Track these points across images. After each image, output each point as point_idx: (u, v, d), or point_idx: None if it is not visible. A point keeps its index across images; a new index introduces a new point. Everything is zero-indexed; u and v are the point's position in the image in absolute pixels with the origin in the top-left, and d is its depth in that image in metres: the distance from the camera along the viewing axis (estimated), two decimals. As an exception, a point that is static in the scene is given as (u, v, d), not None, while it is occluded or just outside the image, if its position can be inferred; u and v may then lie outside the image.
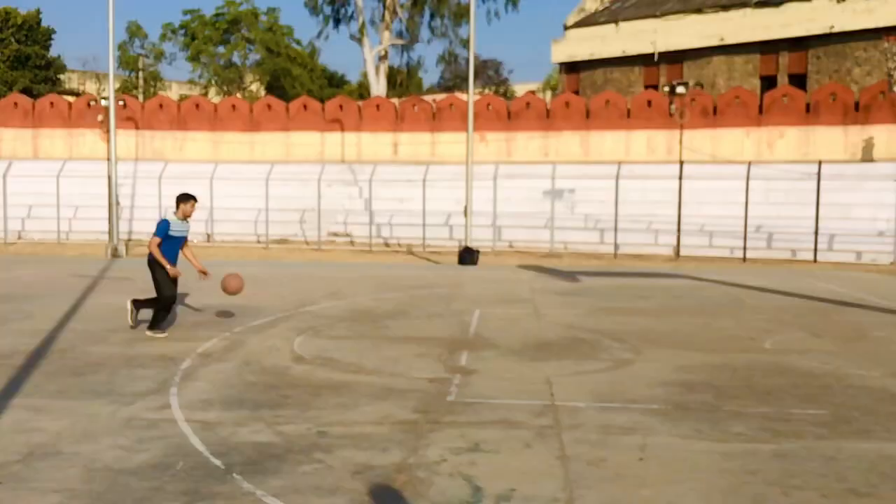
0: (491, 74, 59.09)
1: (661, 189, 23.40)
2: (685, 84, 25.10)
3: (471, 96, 21.35)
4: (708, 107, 28.00)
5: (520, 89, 51.72)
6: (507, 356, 8.45)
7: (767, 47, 34.31)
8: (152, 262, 9.10)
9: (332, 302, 12.21)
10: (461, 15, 38.48)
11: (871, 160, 24.95)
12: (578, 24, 40.87)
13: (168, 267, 8.98)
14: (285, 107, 32.23)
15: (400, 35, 40.82)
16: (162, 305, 9.18)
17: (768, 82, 33.83)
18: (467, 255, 19.46)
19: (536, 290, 14.24)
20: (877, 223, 21.56)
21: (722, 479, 4.85)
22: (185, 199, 9.20)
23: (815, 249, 20.65)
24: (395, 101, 34.41)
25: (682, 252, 21.75)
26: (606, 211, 23.19)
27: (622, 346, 8.98)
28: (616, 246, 22.23)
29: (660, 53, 36.86)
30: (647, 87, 35.95)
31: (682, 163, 22.78)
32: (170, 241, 9.07)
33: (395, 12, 39.38)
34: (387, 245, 24.63)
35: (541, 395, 6.78)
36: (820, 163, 21.81)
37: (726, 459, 5.20)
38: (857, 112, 25.84)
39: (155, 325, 9.20)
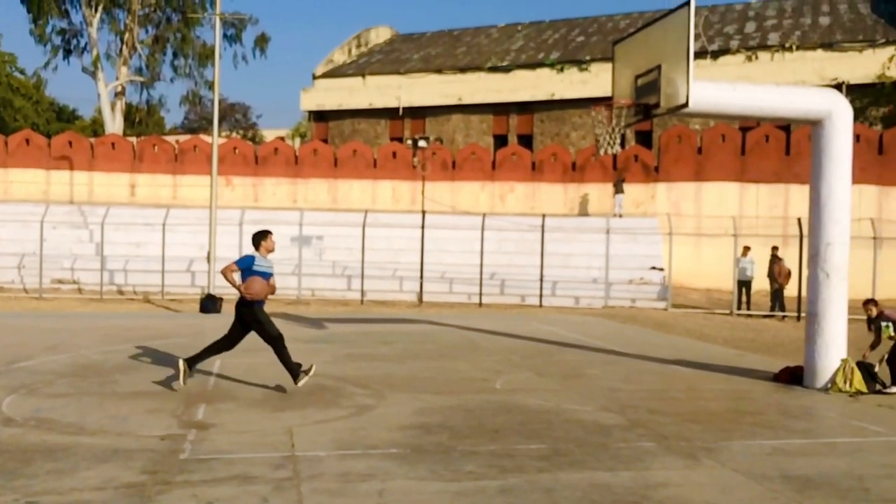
0: (239, 118, 58.01)
1: (406, 237, 24.32)
2: (427, 138, 26.50)
3: (215, 139, 20.81)
4: (448, 161, 29.74)
5: (269, 134, 51.29)
6: (248, 408, 8.22)
7: (499, 109, 37.37)
8: (243, 307, 8.74)
9: (52, 356, 11.09)
10: (206, 56, 37.45)
11: (586, 214, 27.93)
12: (327, 75, 41.61)
13: (239, 286, 8.55)
14: (3, 140, 29.17)
15: (139, 72, 38.77)
16: (280, 344, 8.76)
17: (501, 140, 36.76)
18: (210, 303, 18.71)
19: (281, 338, 14.01)
20: (591, 271, 24.07)
21: (453, 517, 5.08)
22: (263, 235, 8.85)
23: (541, 295, 22.54)
24: (133, 139, 32.52)
25: (425, 298, 22.65)
26: (354, 258, 23.57)
27: (365, 392, 9.12)
28: (363, 292, 22.61)
29: (404, 108, 38.59)
30: (392, 139, 37.40)
31: (424, 212, 23.87)
32: (256, 277, 8.63)
33: (133, 48, 37.38)
34: (120, 293, 22.94)
35: (281, 447, 6.67)
36: (544, 216, 23.98)
37: (457, 498, 5.46)
38: (575, 171, 28.89)
39: (297, 371, 8.75)
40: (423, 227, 23.11)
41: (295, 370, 8.82)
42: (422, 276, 22.86)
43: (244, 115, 58.29)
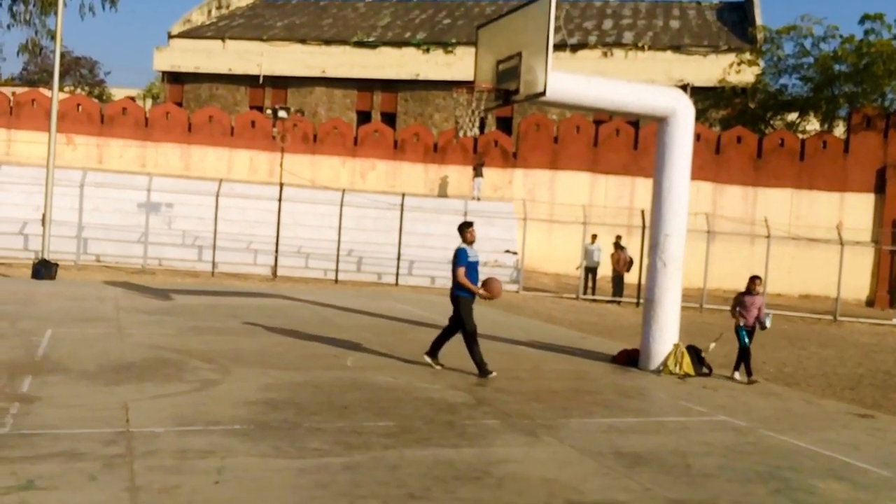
0: (85, 73, 54.16)
1: (262, 209, 23.65)
2: (287, 109, 25.83)
3: (55, 93, 19.35)
4: (309, 133, 29.13)
5: (118, 93, 48.27)
6: (80, 380, 7.74)
7: (364, 84, 36.97)
8: (458, 296, 9.34)
9: None
10: (50, 4, 34.61)
11: (445, 196, 28.23)
12: (184, 35, 39.60)
13: (479, 291, 9.33)
14: None
15: (-30, 14, 35.32)
16: (471, 337, 9.29)
17: (364, 117, 36.43)
18: (43, 269, 17.48)
19: (122, 308, 13.30)
20: (447, 252, 24.18)
21: (294, 495, 5.00)
22: (468, 225, 9.55)
23: (398, 273, 22.63)
24: (-40, 87, 29.70)
25: (280, 272, 22.17)
26: (206, 228, 22.67)
27: (210, 367, 8.81)
28: (214, 264, 21.82)
29: (265, 76, 37.40)
30: (252, 107, 36.17)
31: (282, 185, 23.30)
32: (470, 269, 9.35)
33: (-36, -13, 33.93)
34: (-61, 254, 20.93)
35: (114, 422, 6.32)
36: (403, 195, 24.03)
37: (300, 475, 5.39)
38: (436, 153, 29.10)
39: (482, 366, 9.28)
40: (280, 199, 22.56)
41: (482, 367, 9.25)
42: (277, 250, 22.34)
43: (91, 71, 54.49)
